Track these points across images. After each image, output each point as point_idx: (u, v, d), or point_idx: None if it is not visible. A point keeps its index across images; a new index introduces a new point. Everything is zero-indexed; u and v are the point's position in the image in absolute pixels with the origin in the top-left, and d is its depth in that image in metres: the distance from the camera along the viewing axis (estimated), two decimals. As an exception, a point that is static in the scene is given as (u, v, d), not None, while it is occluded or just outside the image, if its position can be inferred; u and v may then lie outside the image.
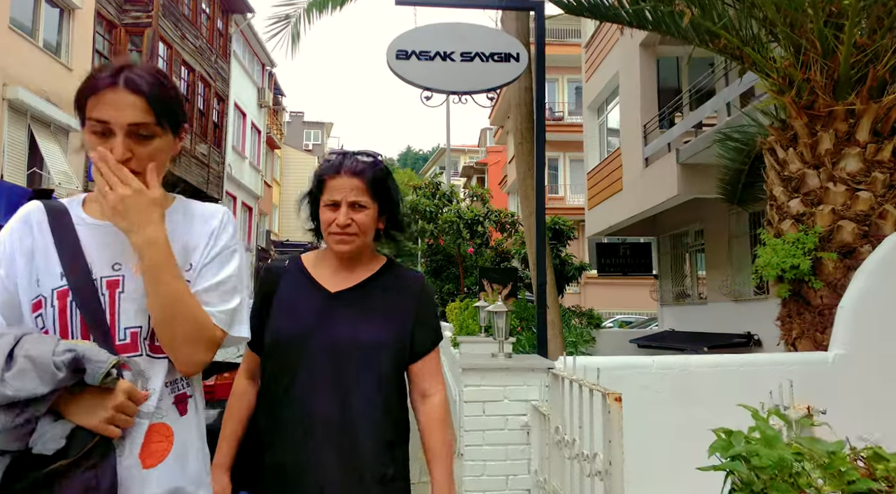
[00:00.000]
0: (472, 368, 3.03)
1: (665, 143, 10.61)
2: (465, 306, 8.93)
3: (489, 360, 3.20)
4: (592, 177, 14.86)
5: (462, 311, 8.80)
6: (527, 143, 5.96)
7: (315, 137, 55.88)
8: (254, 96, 24.48)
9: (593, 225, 14.84)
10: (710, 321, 12.10)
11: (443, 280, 14.26)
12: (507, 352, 3.44)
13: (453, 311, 10.84)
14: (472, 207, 13.11)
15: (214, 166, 20.09)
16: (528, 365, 3.03)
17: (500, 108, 30.78)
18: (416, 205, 13.04)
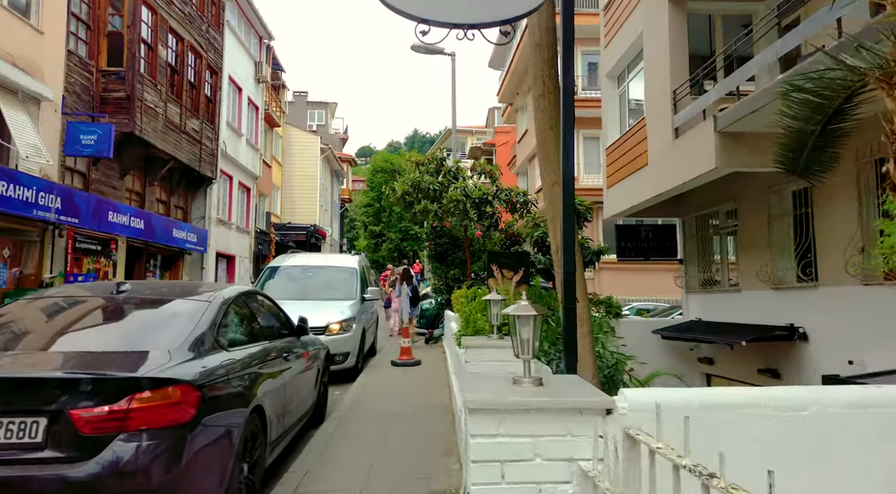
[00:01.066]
0: (482, 409, 1.91)
1: (699, 110, 9.37)
2: (473, 295, 7.80)
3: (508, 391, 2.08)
4: (612, 152, 13.63)
5: (469, 301, 7.67)
6: (549, 95, 4.80)
7: (319, 117, 54.59)
8: (250, 70, 23.26)
9: (612, 205, 13.64)
10: (743, 310, 10.94)
11: (448, 265, 13.13)
12: (537, 377, 2.30)
13: (459, 300, 9.72)
14: (480, 185, 11.91)
15: (207, 143, 18.95)
16: (571, 403, 1.92)
17: (510, 84, 29.46)
18: (418, 182, 11.87)
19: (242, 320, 4.51)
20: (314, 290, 9.67)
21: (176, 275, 18.47)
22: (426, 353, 11.33)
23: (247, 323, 4.55)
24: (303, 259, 10.51)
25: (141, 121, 14.57)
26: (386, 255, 52.96)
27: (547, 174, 4.87)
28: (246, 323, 4.54)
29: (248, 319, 4.61)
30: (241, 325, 4.42)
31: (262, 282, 9.85)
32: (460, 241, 13.39)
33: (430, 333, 13.18)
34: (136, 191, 16.29)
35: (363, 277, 10.80)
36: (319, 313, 8.86)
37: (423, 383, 8.01)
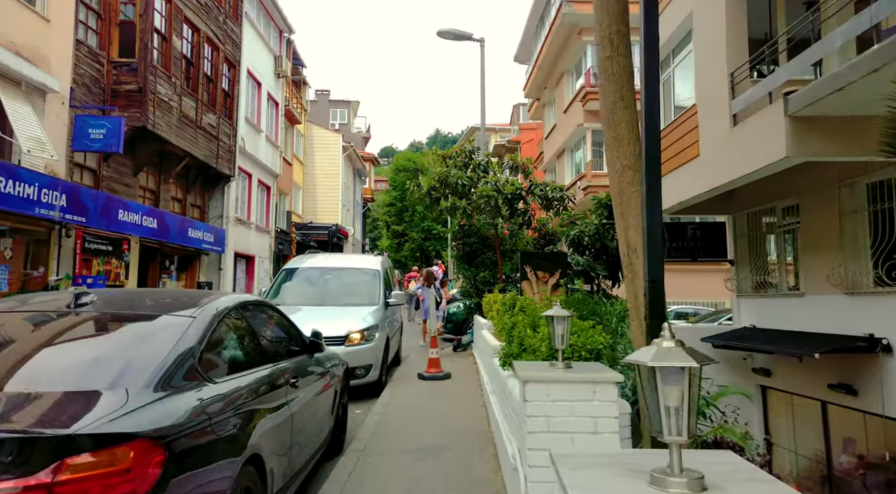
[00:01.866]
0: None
1: (765, 92, 8.31)
2: (512, 302, 6.86)
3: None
4: (655, 144, 12.54)
5: (507, 308, 6.73)
6: (619, 58, 3.87)
7: (341, 116, 54.12)
8: (270, 64, 22.56)
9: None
10: (808, 317, 9.82)
11: (477, 266, 12.19)
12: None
13: (493, 306, 8.78)
14: (513, 180, 10.95)
15: (225, 139, 18.26)
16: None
17: (537, 77, 28.40)
18: (445, 177, 10.95)
19: (239, 339, 3.64)
20: (333, 295, 8.82)
21: (192, 277, 17.82)
22: (455, 363, 10.41)
23: (245, 343, 3.67)
24: (321, 260, 9.67)
25: (154, 115, 13.88)
26: (408, 255, 52.24)
27: (616, 157, 3.91)
28: (243, 342, 3.67)
29: (247, 337, 3.73)
30: (237, 346, 3.55)
31: (277, 285, 9.03)
32: (490, 241, 12.44)
33: (459, 340, 12.27)
34: (149, 188, 15.63)
35: (386, 280, 9.92)
36: (339, 320, 8.00)
37: (455, 402, 7.10)
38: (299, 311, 8.37)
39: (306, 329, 7.86)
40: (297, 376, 4.07)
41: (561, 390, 2.75)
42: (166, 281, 16.74)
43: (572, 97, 23.67)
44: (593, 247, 12.17)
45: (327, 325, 7.83)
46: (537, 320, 4.50)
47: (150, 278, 15.60)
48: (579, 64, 23.83)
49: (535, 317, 4.56)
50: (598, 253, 12.32)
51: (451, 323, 14.27)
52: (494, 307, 8.20)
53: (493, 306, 8.63)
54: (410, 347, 13.49)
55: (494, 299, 9.26)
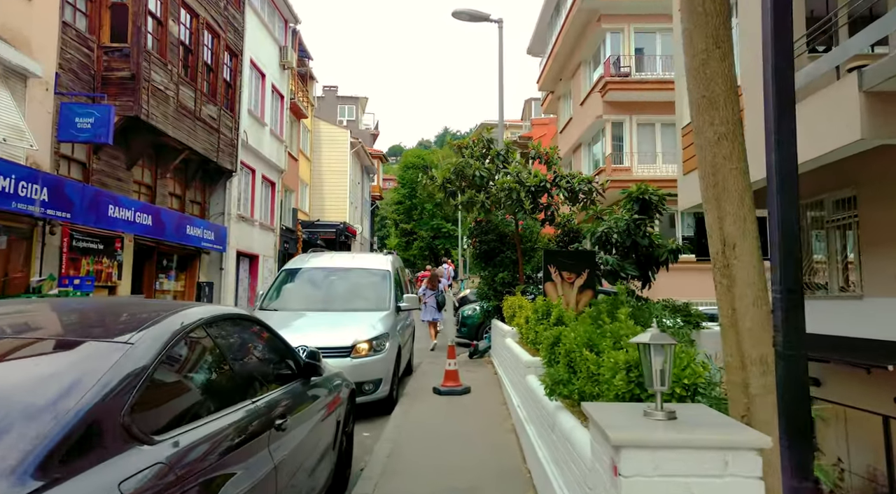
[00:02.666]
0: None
1: (829, 68, 7.27)
2: (545, 309, 5.88)
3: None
4: (691, 132, 11.50)
5: (540, 317, 5.75)
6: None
7: (349, 113, 53.29)
8: (274, 55, 21.63)
9: (690, 194, 11.55)
10: (868, 322, 8.77)
11: (495, 266, 11.18)
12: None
13: (519, 312, 7.80)
14: (536, 171, 9.93)
15: (226, 132, 17.34)
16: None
17: (552, 69, 27.33)
18: (462, 168, 9.96)
19: (204, 370, 2.67)
20: (338, 298, 7.85)
21: (192, 277, 16.92)
22: (472, 373, 9.43)
23: (211, 375, 2.70)
24: (326, 259, 8.69)
25: (148, 105, 12.96)
26: (417, 254, 51.34)
27: (708, 123, 2.94)
28: (210, 373, 2.69)
29: (215, 366, 2.76)
30: (199, 381, 2.58)
31: (275, 287, 8.08)
32: (509, 238, 11.44)
33: (475, 346, 11.28)
34: (145, 183, 14.73)
35: (398, 281, 8.95)
36: (344, 328, 7.03)
37: (479, 424, 6.12)
38: (299, 318, 7.42)
39: (307, 338, 6.92)
40: (285, 414, 3.09)
41: (675, 460, 1.78)
42: (164, 282, 15.86)
43: (590, 88, 22.61)
44: (623, 244, 11.14)
45: (330, 334, 6.88)
46: (595, 339, 3.50)
47: (145, 278, 14.71)
48: (598, 53, 22.77)
49: (590, 335, 3.56)
50: (626, 252, 11.28)
51: (466, 327, 13.28)
52: (522, 313, 7.21)
53: (520, 313, 7.65)
54: (420, 352, 12.52)
55: (519, 304, 8.28)
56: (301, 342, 6.75)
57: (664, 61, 21.09)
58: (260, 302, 7.75)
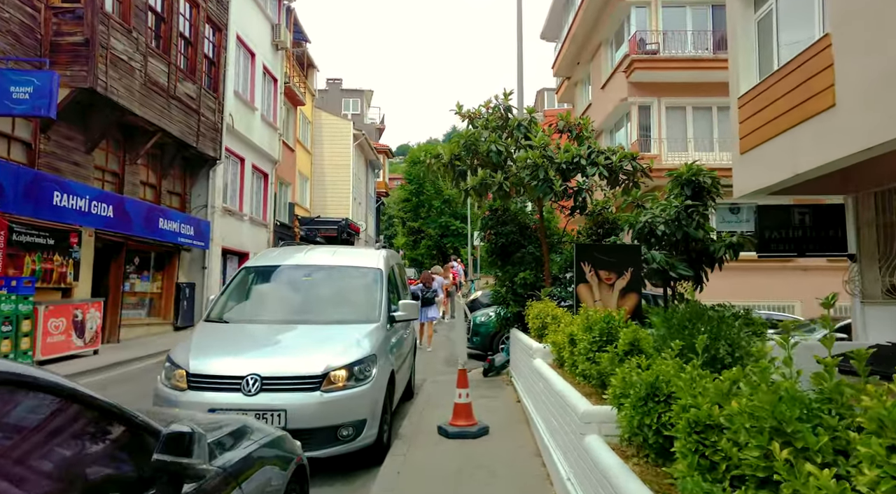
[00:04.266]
0: None
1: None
2: (604, 328, 3.94)
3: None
4: (749, 102, 9.50)
5: (598, 341, 3.83)
6: None
7: (354, 106, 51.53)
8: (266, 33, 19.74)
9: (748, 177, 9.57)
10: None
11: (515, 264, 9.20)
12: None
13: (553, 325, 5.86)
14: (567, 144, 7.93)
15: (208, 114, 15.46)
16: None
17: (569, 53, 25.28)
18: (474, 142, 7.99)
19: None
20: (312, 306, 5.89)
21: (171, 277, 15.06)
22: (490, 398, 7.47)
23: None
24: (300, 255, 6.67)
25: (106, 76, 11.09)
26: (425, 253, 49.36)
27: None
28: None
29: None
30: None
31: (230, 292, 6.09)
32: (531, 230, 9.45)
33: (490, 360, 9.32)
34: (110, 169, 12.86)
35: (393, 283, 7.00)
36: (315, 349, 5.11)
37: (504, 489, 4.18)
38: (255, 333, 5.49)
39: (259, 363, 4.89)
40: None
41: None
42: (135, 283, 13.99)
43: (612, 69, 20.60)
44: (671, 238, 9.13)
45: (294, 358, 4.95)
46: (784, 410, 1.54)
47: (112, 279, 12.85)
48: (620, 31, 20.75)
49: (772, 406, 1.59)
50: (675, 247, 9.28)
51: (479, 337, 11.29)
52: (561, 329, 5.25)
53: (555, 327, 5.69)
54: (423, 364, 10.56)
55: (552, 313, 6.32)
56: (251, 369, 4.81)
57: (696, 37, 19.05)
58: (208, 311, 5.83)
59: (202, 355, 4.93)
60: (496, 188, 7.88)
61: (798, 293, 18.59)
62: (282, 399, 4.62)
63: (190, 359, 4.84)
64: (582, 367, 4.01)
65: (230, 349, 5.10)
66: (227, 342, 5.26)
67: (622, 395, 2.97)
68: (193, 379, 4.71)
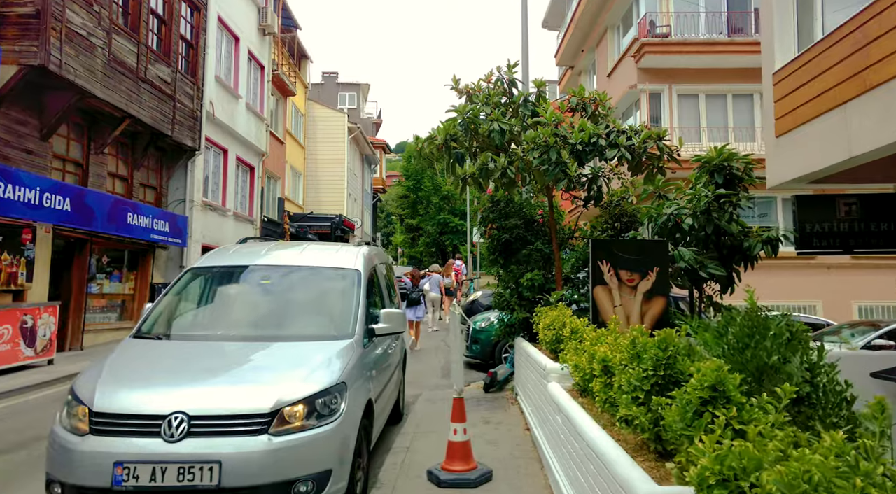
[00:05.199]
0: None
1: None
2: (656, 358, 2.72)
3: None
4: (788, 77, 8.32)
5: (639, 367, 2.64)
6: None
7: (350, 100, 50.27)
8: (252, 17, 18.52)
9: (786, 163, 8.39)
10: None
11: (520, 262, 8.01)
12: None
13: (572, 340, 4.69)
14: (583, 122, 6.71)
15: (185, 100, 14.26)
16: None
17: (573, 39, 24.06)
18: (473, 119, 6.80)
19: None
20: (269, 319, 4.70)
21: (145, 277, 13.86)
22: (492, 424, 6.30)
23: None
24: (260, 254, 5.43)
25: (61, 53, 9.89)
26: (423, 251, 48.18)
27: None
28: None
29: None
30: None
31: (169, 299, 4.85)
32: (539, 224, 8.26)
33: (492, 374, 8.14)
34: (72, 158, 11.65)
35: (376, 287, 5.82)
36: (265, 376, 3.93)
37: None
38: (193, 354, 4.29)
39: (189, 396, 3.53)
40: None
41: None
42: (104, 284, 12.80)
43: (620, 55, 19.39)
44: (699, 232, 7.97)
45: (236, 388, 3.77)
46: None
47: (74, 280, 11.65)
48: (628, 14, 19.54)
49: None
50: (702, 243, 8.12)
51: (478, 345, 10.10)
52: (583, 346, 4.07)
53: (575, 344, 4.51)
54: (417, 374, 9.38)
55: (572, 326, 5.15)
56: (176, 405, 3.59)
57: (709, 19, 17.83)
58: (138, 324, 4.63)
59: (114, 385, 3.74)
60: (499, 174, 6.68)
61: (820, 292, 17.41)
62: (216, 446, 3.43)
63: (96, 391, 3.66)
64: (625, 412, 2.82)
65: (153, 376, 3.91)
66: (152, 366, 4.06)
67: (720, 483, 1.79)
68: (97, 420, 3.52)
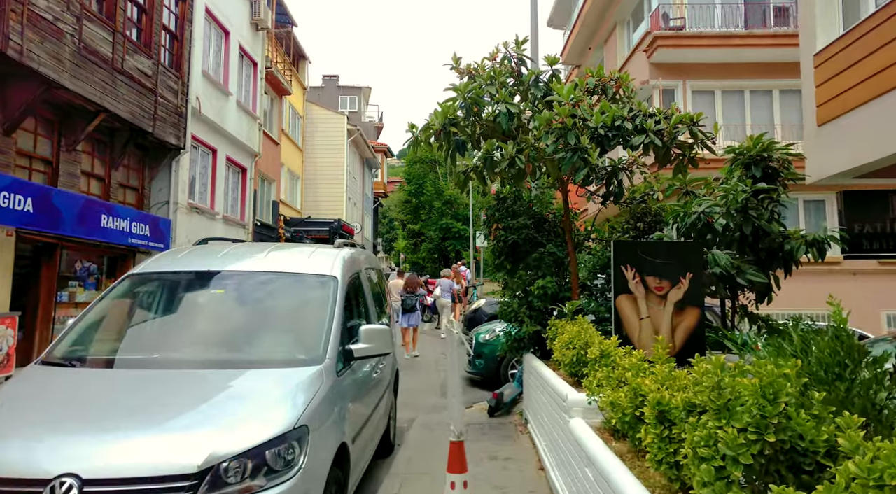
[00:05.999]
0: None
1: None
2: (765, 422, 1.72)
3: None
4: (835, 57, 7.34)
5: (719, 411, 1.62)
6: None
7: (351, 104, 49.35)
8: (243, 10, 17.64)
9: (833, 155, 7.42)
10: None
11: (530, 268, 7.01)
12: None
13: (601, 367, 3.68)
14: (605, 104, 5.73)
15: (168, 95, 13.35)
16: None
17: (580, 37, 23.14)
18: (474, 98, 5.83)
19: None
20: (218, 338, 3.71)
21: (124, 284, 12.87)
22: (499, 462, 5.31)
23: None
24: (216, 258, 4.38)
25: (22, 37, 8.97)
26: (426, 256, 47.19)
27: None
28: None
29: None
30: None
31: (93, 315, 3.82)
32: (551, 224, 7.27)
33: (497, 395, 7.13)
34: (40, 156, 10.72)
35: (361, 298, 4.84)
36: (195, 420, 2.93)
37: None
38: (105, 390, 3.29)
39: (84, 448, 2.48)
40: None
41: None
42: (77, 292, 11.83)
43: (630, 51, 18.46)
44: (734, 232, 7.03)
45: (151, 441, 2.79)
46: None
47: (42, 288, 10.69)
48: (639, 9, 18.63)
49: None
50: (740, 245, 7.17)
51: (482, 360, 9.08)
52: (632, 381, 3.07)
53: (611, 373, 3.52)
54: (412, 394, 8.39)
55: (600, 346, 4.17)
56: (67, 463, 2.57)
57: (725, 12, 16.90)
58: (51, 346, 3.64)
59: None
60: (506, 165, 5.70)
61: (845, 300, 16.16)
62: None
63: (-35, 441, 2.68)
64: (691, 468, 1.82)
65: (46, 421, 2.92)
66: (49, 406, 3.07)
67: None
68: (-42, 485, 2.54)
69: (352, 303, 4.53)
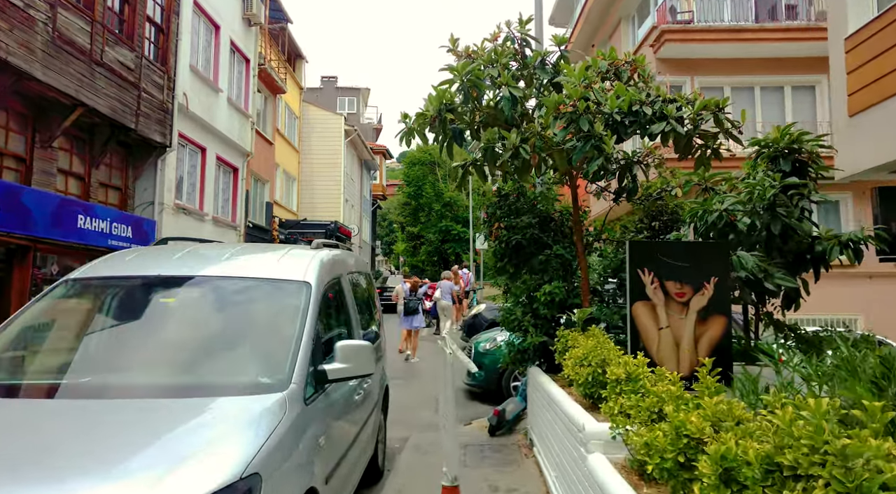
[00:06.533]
0: None
1: None
2: None
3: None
4: (868, 40, 6.71)
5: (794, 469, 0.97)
6: None
7: (350, 105, 48.80)
8: (234, 4, 17.01)
9: (868, 148, 6.78)
10: None
11: (534, 271, 6.36)
12: None
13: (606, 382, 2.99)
14: (620, 87, 5.09)
15: (153, 91, 12.71)
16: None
17: (581, 36, 22.55)
18: (474, 81, 5.19)
19: None
20: (163, 357, 3.08)
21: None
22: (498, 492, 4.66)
23: None
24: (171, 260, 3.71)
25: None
26: (425, 259, 46.49)
27: None
28: None
29: None
30: None
31: (18, 328, 3.16)
32: (557, 224, 6.63)
33: (499, 413, 6.48)
34: (12, 153, 10.08)
35: (342, 308, 4.19)
36: (117, 465, 2.26)
37: None
38: (10, 426, 2.62)
39: None
40: None
41: None
42: (53, 296, 11.14)
43: (636, 47, 17.84)
44: (760, 232, 6.42)
45: (51, 488, 2.11)
46: None
47: (13, 294, 10.04)
48: (644, 3, 18.03)
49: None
50: (766, 246, 6.54)
51: (482, 370, 8.42)
52: (672, 417, 2.40)
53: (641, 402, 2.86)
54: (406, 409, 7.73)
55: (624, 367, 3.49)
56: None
57: (735, 5, 16.27)
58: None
59: None
60: (509, 156, 5.06)
61: (861, 304, 15.74)
62: None
63: None
64: None
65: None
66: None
67: None
68: None
69: (331, 314, 3.88)
